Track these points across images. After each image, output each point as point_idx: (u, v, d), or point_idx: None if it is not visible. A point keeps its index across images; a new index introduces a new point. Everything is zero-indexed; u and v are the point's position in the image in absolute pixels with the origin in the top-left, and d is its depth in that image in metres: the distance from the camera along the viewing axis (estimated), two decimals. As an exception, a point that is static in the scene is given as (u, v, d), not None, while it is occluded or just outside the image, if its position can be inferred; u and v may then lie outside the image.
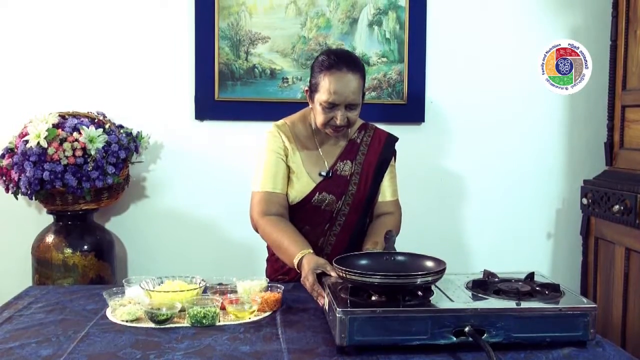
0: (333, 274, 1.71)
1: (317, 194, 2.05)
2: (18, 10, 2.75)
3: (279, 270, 2.16)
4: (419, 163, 2.95)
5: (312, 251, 1.88)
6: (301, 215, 2.08)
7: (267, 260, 2.24)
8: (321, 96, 1.94)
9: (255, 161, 2.10)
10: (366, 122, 2.20)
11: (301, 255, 1.85)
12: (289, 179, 2.06)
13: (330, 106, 1.93)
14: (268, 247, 2.22)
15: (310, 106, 2.06)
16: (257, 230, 2.08)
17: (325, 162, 2.09)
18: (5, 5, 2.75)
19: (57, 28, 2.77)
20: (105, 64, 2.80)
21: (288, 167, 2.05)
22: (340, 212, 2.08)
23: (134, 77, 2.82)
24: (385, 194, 2.17)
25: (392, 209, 2.17)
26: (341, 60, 1.93)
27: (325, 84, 1.92)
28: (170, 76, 2.83)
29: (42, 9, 2.76)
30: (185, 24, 2.81)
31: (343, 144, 2.12)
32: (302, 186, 2.05)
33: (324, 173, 2.06)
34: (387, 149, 2.15)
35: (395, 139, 2.20)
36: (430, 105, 2.94)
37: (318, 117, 1.99)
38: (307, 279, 1.78)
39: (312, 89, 1.99)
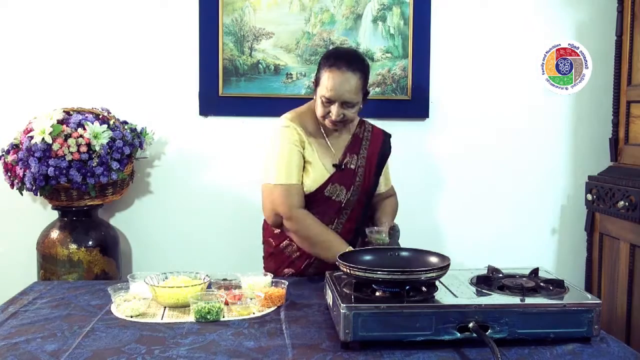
0: None
1: (329, 185, 2.11)
2: (22, 7, 2.75)
3: (284, 262, 2.19)
4: (423, 159, 2.95)
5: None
6: (312, 206, 2.12)
7: (270, 255, 2.26)
8: (321, 90, 2.05)
9: (268, 154, 2.13)
10: (361, 118, 2.28)
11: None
12: (303, 169, 2.11)
13: (327, 101, 2.04)
14: (267, 243, 2.26)
15: (314, 97, 2.14)
16: (275, 224, 2.12)
17: (334, 154, 2.16)
18: (10, 1, 2.75)
19: (62, 24, 2.77)
20: (109, 60, 2.80)
21: (304, 158, 2.10)
22: (348, 203, 2.14)
23: (139, 73, 2.82)
24: (382, 186, 2.32)
25: (392, 192, 2.39)
26: (342, 60, 2.03)
27: (324, 80, 2.03)
28: (175, 72, 2.83)
29: (47, 5, 2.76)
30: (190, 19, 2.81)
31: (347, 137, 2.20)
32: (317, 176, 2.10)
33: (336, 163, 2.13)
34: (385, 145, 2.27)
35: (390, 135, 2.31)
36: (434, 101, 2.93)
37: (318, 109, 2.09)
38: None
39: (316, 83, 2.10)
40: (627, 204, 2.55)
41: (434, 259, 1.66)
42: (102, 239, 2.67)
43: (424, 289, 1.58)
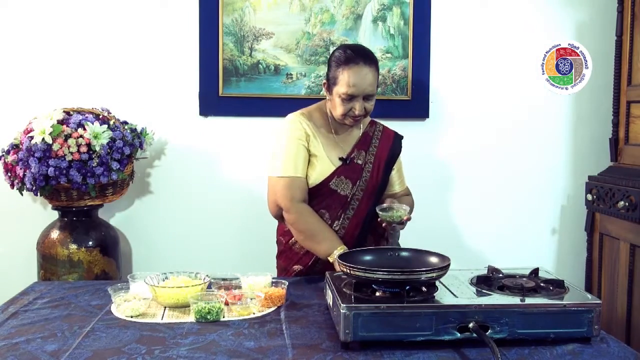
0: None
1: (335, 178, 2.13)
2: (23, 6, 2.75)
3: (294, 259, 2.20)
4: (423, 159, 2.95)
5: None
6: (318, 199, 2.14)
7: (280, 253, 2.28)
8: (340, 89, 2.05)
9: (274, 148, 2.16)
10: (373, 119, 2.31)
11: (342, 249, 1.96)
12: (309, 162, 2.13)
13: (349, 98, 2.05)
14: (279, 242, 2.27)
15: (327, 98, 2.16)
16: (276, 216, 2.16)
17: (342, 148, 2.18)
18: (10, 1, 2.75)
19: (62, 24, 2.77)
20: (110, 60, 2.80)
21: (309, 152, 2.13)
22: (354, 197, 2.16)
23: (139, 73, 2.82)
24: (396, 186, 2.33)
25: (407, 192, 2.39)
26: (358, 55, 2.06)
27: (344, 77, 2.03)
28: (175, 72, 2.83)
29: (47, 5, 2.76)
30: (190, 20, 2.81)
31: (356, 134, 2.22)
32: (323, 168, 2.13)
33: (343, 156, 2.15)
34: (395, 145, 2.28)
35: (401, 137, 2.32)
36: (434, 101, 2.93)
37: (338, 108, 2.09)
38: None
39: (331, 82, 2.10)
40: (627, 204, 2.55)
41: (434, 259, 1.66)
42: (102, 239, 2.67)
43: (424, 289, 1.58)
